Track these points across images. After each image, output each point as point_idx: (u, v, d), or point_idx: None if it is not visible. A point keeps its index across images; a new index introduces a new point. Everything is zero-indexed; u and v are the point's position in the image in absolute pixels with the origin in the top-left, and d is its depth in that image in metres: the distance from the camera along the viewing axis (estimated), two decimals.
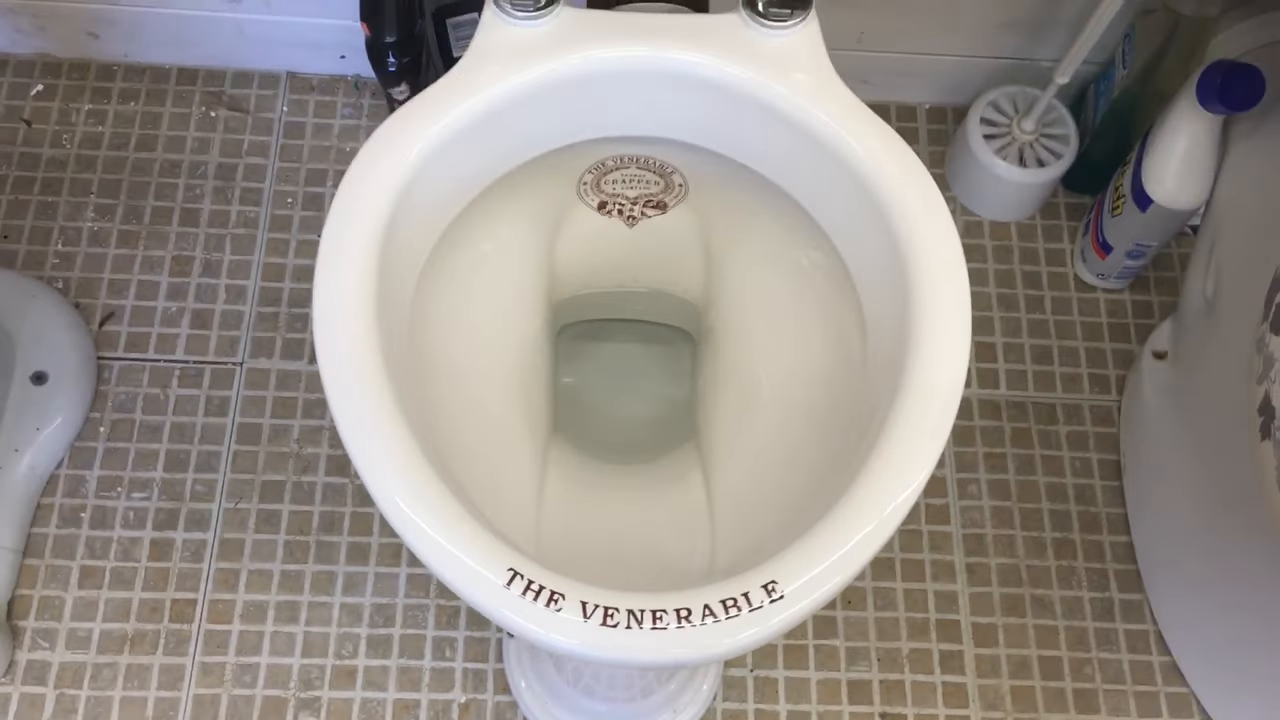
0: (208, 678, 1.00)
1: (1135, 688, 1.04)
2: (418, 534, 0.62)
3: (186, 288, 1.13)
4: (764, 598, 0.62)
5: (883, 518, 0.64)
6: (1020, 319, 1.17)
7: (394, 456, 0.63)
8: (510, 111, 0.74)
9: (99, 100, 1.21)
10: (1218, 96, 0.96)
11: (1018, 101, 1.18)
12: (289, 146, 1.20)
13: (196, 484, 1.06)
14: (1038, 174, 1.15)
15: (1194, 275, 1.04)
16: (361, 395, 0.64)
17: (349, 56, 1.20)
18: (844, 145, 0.74)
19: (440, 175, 0.74)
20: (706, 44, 0.75)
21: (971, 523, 1.09)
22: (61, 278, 1.13)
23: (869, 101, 0.74)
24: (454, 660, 1.01)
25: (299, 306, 1.13)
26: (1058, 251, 1.20)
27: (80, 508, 1.04)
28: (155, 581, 1.02)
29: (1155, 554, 1.07)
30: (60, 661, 0.99)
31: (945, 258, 0.73)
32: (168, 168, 1.18)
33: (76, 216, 1.16)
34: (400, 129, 0.72)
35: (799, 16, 0.75)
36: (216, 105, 1.22)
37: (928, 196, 0.75)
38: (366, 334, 0.66)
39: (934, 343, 0.70)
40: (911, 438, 0.67)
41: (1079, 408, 1.14)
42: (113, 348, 1.11)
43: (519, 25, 0.75)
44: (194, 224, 1.16)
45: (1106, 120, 1.14)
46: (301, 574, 1.03)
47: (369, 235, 0.69)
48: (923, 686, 1.03)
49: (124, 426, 1.08)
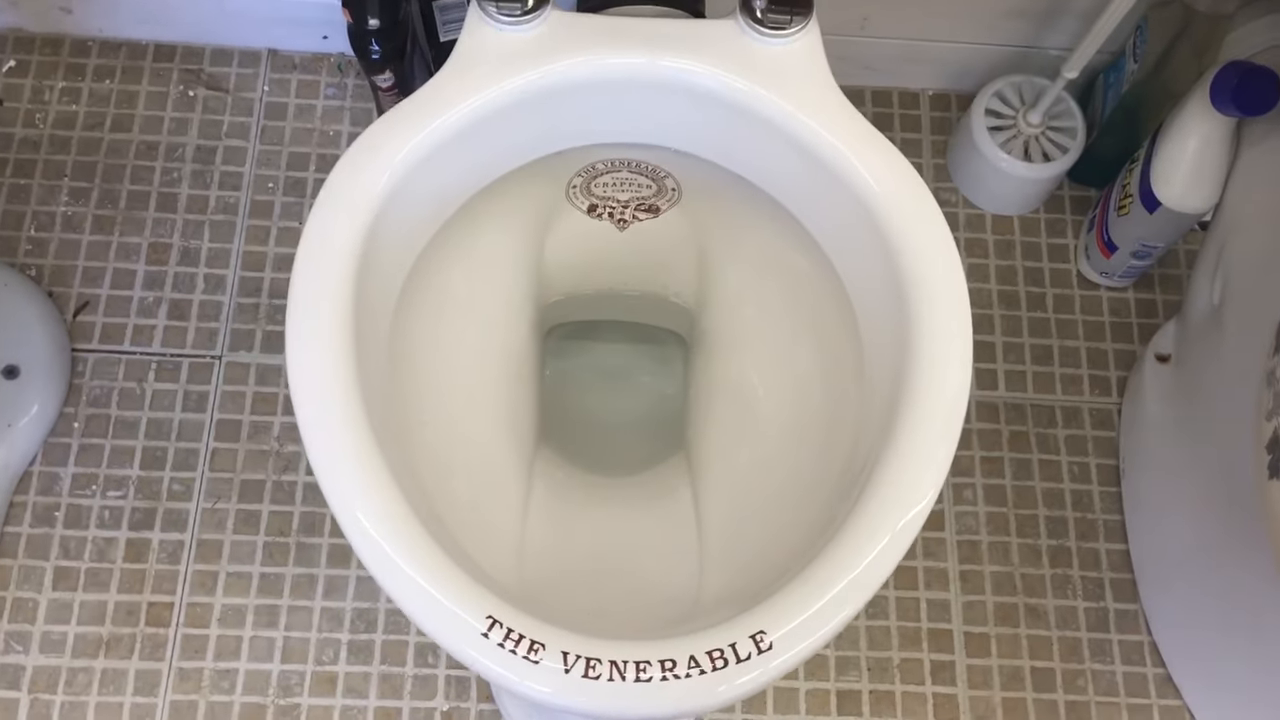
0: (185, 683, 0.98)
1: (1128, 700, 1.02)
2: (392, 579, 0.60)
3: (164, 276, 1.10)
4: (751, 649, 0.59)
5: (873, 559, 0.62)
6: (1021, 317, 1.14)
7: (369, 499, 0.61)
8: (496, 121, 0.71)
9: (73, 78, 1.16)
10: (1231, 99, 0.92)
11: (1024, 92, 1.14)
12: (270, 128, 1.16)
13: (174, 482, 1.03)
14: (1043, 168, 1.11)
15: (1200, 279, 1.01)
16: (335, 433, 0.62)
17: (331, 37, 1.16)
18: (842, 161, 0.70)
19: (422, 188, 0.71)
20: (702, 52, 0.71)
21: (966, 529, 1.06)
22: (34, 265, 1.10)
23: (871, 88, 0.71)
24: (437, 667, 0.99)
25: (280, 298, 1.10)
26: (1061, 247, 1.17)
27: (54, 506, 1.02)
28: (131, 584, 1.00)
29: (1152, 564, 1.05)
30: (34, 665, 0.97)
31: (943, 272, 0.70)
32: (144, 150, 1.14)
33: (50, 200, 1.12)
34: (380, 140, 0.68)
35: (799, 25, 0.71)
36: (195, 84, 1.17)
37: (926, 211, 0.71)
38: (341, 361, 0.64)
39: (933, 360, 0.68)
40: (910, 468, 0.64)
41: (1078, 410, 1.11)
42: (87, 339, 1.07)
43: (506, 30, 0.71)
44: (171, 209, 1.12)
45: (1115, 114, 1.10)
46: (281, 577, 1.01)
47: (345, 255, 0.66)
48: (913, 697, 1.01)
49: (99, 422, 1.05)
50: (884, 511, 0.63)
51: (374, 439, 0.62)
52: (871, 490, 0.64)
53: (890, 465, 0.65)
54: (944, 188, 1.18)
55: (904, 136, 1.19)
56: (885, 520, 0.63)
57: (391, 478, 0.62)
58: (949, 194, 1.18)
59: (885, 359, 0.71)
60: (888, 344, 0.71)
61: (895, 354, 0.69)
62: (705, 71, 0.71)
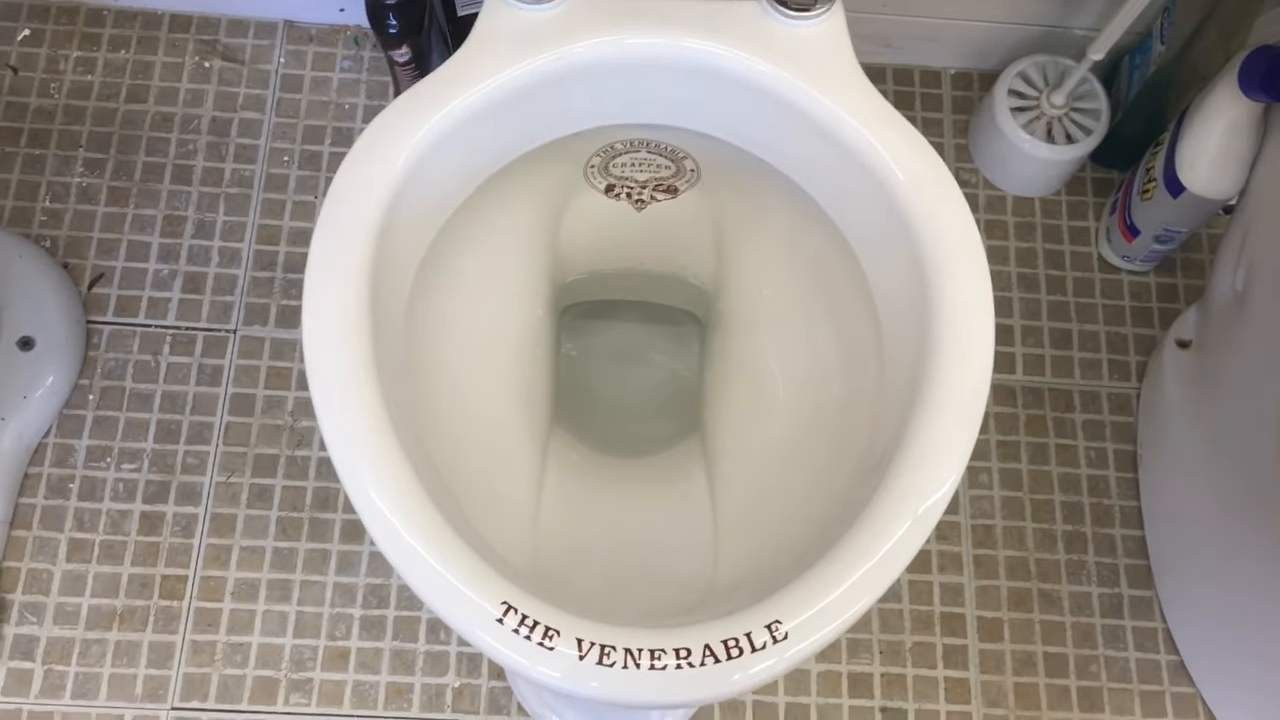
0: (198, 656, 0.98)
1: (1141, 686, 1.02)
2: (407, 563, 0.60)
3: (179, 249, 1.10)
4: (767, 638, 0.59)
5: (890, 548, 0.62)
6: (1040, 300, 1.13)
7: (384, 481, 0.60)
8: (514, 102, 0.70)
9: (88, 47, 1.16)
10: (1260, 84, 0.91)
11: (1048, 72, 1.12)
12: (285, 100, 1.15)
13: (188, 456, 1.03)
14: (1066, 150, 1.10)
15: (1224, 266, 1.00)
16: (353, 419, 0.61)
17: (348, 9, 1.15)
18: (864, 145, 0.69)
19: (440, 168, 0.70)
20: (723, 34, 0.70)
21: (981, 513, 1.06)
22: (49, 236, 1.09)
23: (892, 66, 0.69)
24: (448, 644, 0.99)
25: (294, 271, 1.09)
26: (1082, 230, 1.16)
27: (69, 478, 1.02)
28: (145, 556, 1.00)
29: (1168, 550, 1.04)
30: (48, 637, 0.98)
31: (966, 259, 0.69)
32: (159, 121, 1.14)
33: (65, 171, 1.11)
34: (398, 121, 0.68)
35: (823, 6, 0.70)
36: (211, 55, 1.16)
37: (949, 197, 0.70)
38: (359, 346, 0.63)
39: (954, 347, 0.67)
40: (930, 455, 0.64)
41: (1097, 395, 1.11)
42: (102, 311, 1.07)
43: (525, 9, 0.70)
44: (186, 182, 1.12)
45: (1141, 96, 1.09)
46: (294, 552, 1.01)
47: (363, 237, 0.65)
48: (925, 680, 1.01)
49: (114, 394, 1.05)
50: (903, 499, 0.63)
51: (389, 419, 0.62)
52: (890, 477, 0.64)
53: (910, 452, 0.64)
54: (965, 168, 1.17)
55: (925, 115, 1.18)
56: (904, 508, 0.62)
57: (406, 458, 0.62)
58: (969, 174, 1.17)
59: (905, 344, 0.70)
60: (908, 329, 0.70)
61: (915, 339, 0.69)
62: (727, 53, 0.70)
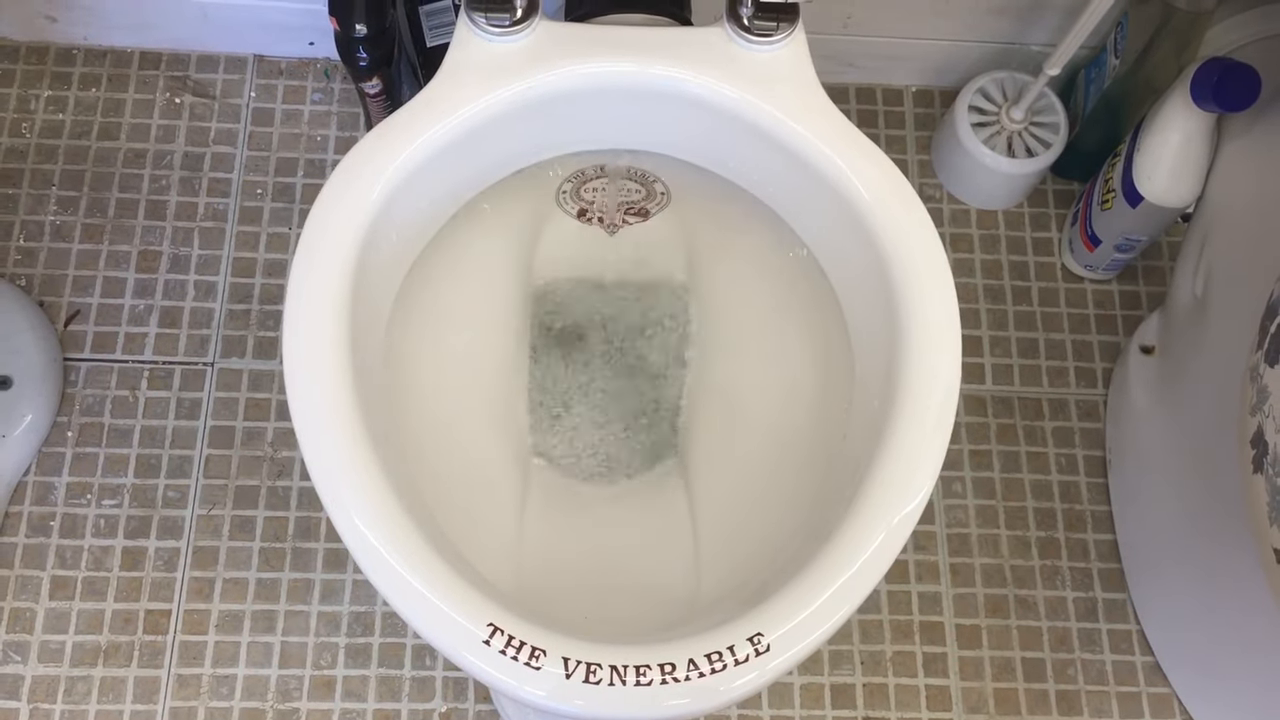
0: (184, 690, 0.98)
1: (1118, 688, 1.04)
2: (393, 587, 0.61)
3: (154, 284, 1.10)
4: (749, 650, 0.60)
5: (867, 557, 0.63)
6: (1007, 311, 1.15)
7: (368, 507, 0.61)
8: (486, 132, 0.72)
9: (59, 86, 1.16)
10: (1212, 95, 0.94)
11: (1007, 88, 1.15)
12: (257, 134, 1.16)
13: (168, 490, 1.04)
14: (1027, 164, 1.12)
15: (1183, 272, 1.03)
16: (335, 447, 0.62)
17: (317, 42, 1.16)
18: (829, 165, 0.71)
19: (415, 199, 0.71)
20: (690, 60, 0.72)
21: (956, 522, 1.08)
22: (24, 274, 1.10)
23: (855, 85, 0.71)
24: (434, 669, 1.00)
25: (271, 303, 1.10)
26: (1045, 241, 1.18)
27: (50, 516, 1.02)
28: (128, 592, 1.00)
29: (1139, 552, 1.06)
30: (33, 675, 0.98)
31: (931, 275, 0.71)
32: (132, 158, 1.14)
33: (38, 210, 1.12)
34: (371, 154, 0.69)
35: (785, 31, 0.72)
36: (181, 91, 1.17)
37: (913, 215, 0.71)
38: (339, 375, 0.64)
39: (923, 360, 0.69)
40: (902, 467, 0.66)
41: (1065, 402, 1.13)
42: (79, 348, 1.08)
43: (494, 40, 0.72)
44: (160, 217, 1.13)
45: (1097, 109, 1.11)
46: (278, 582, 1.01)
47: (340, 268, 0.67)
48: (906, 689, 1.02)
49: (92, 430, 1.05)
50: (878, 510, 0.64)
51: (371, 446, 0.63)
52: (865, 489, 0.65)
53: (883, 465, 0.66)
54: (928, 183, 1.19)
55: (888, 133, 1.20)
56: (879, 519, 0.64)
57: (389, 484, 0.63)
58: (933, 189, 1.19)
59: (875, 359, 0.72)
60: (877, 344, 0.72)
61: (885, 354, 0.70)
62: (693, 79, 0.72)
